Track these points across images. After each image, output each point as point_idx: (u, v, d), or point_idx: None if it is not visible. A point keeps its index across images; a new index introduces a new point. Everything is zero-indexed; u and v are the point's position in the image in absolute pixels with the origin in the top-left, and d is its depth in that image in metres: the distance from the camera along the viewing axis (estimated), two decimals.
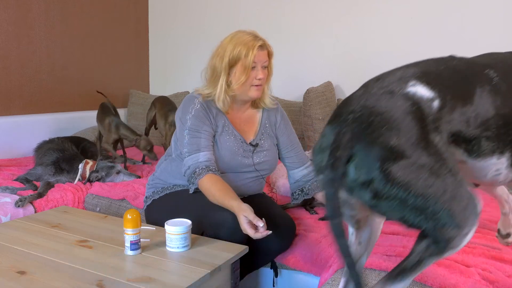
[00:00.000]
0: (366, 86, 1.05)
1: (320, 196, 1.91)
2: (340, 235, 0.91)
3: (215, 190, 1.57)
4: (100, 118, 2.77)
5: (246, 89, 1.68)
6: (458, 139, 1.01)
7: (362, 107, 0.97)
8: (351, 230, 1.14)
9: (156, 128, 3.02)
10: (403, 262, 0.97)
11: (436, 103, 0.99)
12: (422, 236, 0.95)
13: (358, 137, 0.93)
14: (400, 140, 0.90)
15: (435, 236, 0.93)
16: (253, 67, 1.65)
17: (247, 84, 1.67)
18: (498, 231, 1.55)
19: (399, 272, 0.97)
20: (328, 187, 0.92)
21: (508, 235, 1.52)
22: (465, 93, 1.03)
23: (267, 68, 1.72)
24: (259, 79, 1.67)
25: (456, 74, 1.06)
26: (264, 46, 1.67)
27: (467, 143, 1.03)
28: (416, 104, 0.96)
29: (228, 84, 1.67)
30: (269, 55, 1.71)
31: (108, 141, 2.68)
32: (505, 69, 1.10)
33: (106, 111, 2.75)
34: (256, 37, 1.67)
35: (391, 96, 0.98)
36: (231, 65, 1.65)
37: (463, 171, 1.04)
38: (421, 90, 1.00)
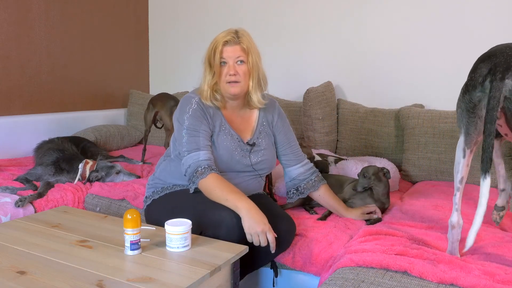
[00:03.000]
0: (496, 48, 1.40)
1: (315, 196, 1.90)
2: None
3: (223, 187, 1.58)
4: None
5: (224, 86, 1.69)
6: None
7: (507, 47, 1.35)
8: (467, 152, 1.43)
9: (158, 127, 3.01)
10: None
11: None
12: None
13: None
14: None
15: None
16: (224, 63, 1.67)
17: (222, 81, 1.68)
18: (495, 206, 1.75)
19: None
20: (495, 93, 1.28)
21: (503, 208, 1.73)
22: None
23: (247, 64, 1.68)
24: (231, 75, 1.66)
25: None
26: (232, 41, 1.66)
27: None
28: None
29: (213, 82, 1.70)
30: (246, 50, 1.67)
31: None
32: None
33: None
34: (228, 33, 1.67)
35: None
36: (210, 63, 1.69)
37: None
38: None
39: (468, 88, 1.38)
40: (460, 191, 1.46)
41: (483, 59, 1.37)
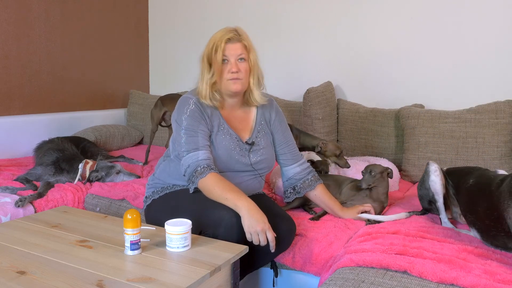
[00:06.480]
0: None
1: (312, 195, 1.90)
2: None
3: (222, 186, 1.57)
4: None
5: (225, 83, 1.69)
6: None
7: None
8: None
9: (162, 126, 3.01)
10: None
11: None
12: None
13: None
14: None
15: None
16: (225, 61, 1.67)
17: (224, 79, 1.68)
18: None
19: None
20: None
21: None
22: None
23: (247, 61, 1.70)
24: (233, 72, 1.67)
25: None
26: (234, 39, 1.67)
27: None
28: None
29: (213, 81, 1.69)
30: (247, 48, 1.70)
31: None
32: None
33: None
34: (228, 31, 1.68)
35: None
36: (209, 62, 1.69)
37: None
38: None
39: None
40: None
41: None
